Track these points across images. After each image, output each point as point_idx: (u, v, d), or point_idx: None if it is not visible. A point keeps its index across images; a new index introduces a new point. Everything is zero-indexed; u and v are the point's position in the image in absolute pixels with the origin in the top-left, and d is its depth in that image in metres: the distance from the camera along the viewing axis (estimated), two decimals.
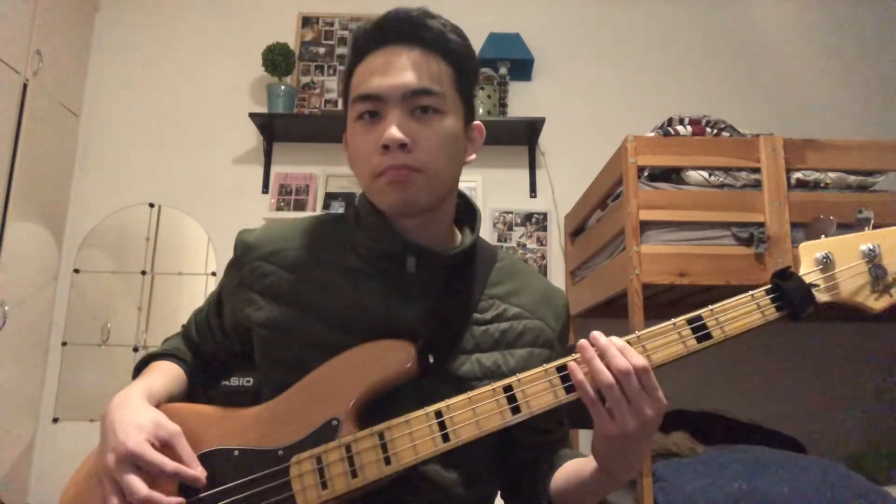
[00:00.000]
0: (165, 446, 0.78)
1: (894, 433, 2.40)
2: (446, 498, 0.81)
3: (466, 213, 0.94)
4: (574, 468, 0.85)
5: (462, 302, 0.86)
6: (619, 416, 0.70)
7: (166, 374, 0.92)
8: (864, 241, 0.77)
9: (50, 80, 2.53)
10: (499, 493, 0.96)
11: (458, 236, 0.93)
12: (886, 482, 1.85)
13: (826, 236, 0.78)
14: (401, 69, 0.81)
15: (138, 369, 0.96)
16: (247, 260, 0.90)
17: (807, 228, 0.80)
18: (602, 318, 2.31)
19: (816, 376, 2.53)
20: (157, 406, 0.84)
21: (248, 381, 1.98)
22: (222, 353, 1.00)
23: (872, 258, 0.76)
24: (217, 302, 0.98)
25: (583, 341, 0.73)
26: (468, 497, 0.83)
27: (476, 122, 0.92)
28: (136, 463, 0.74)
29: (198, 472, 0.77)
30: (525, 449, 0.92)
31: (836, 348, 2.55)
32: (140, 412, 0.80)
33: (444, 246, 0.89)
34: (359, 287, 0.85)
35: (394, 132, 0.79)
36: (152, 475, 0.74)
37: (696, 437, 1.95)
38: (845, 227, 0.79)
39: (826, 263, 0.76)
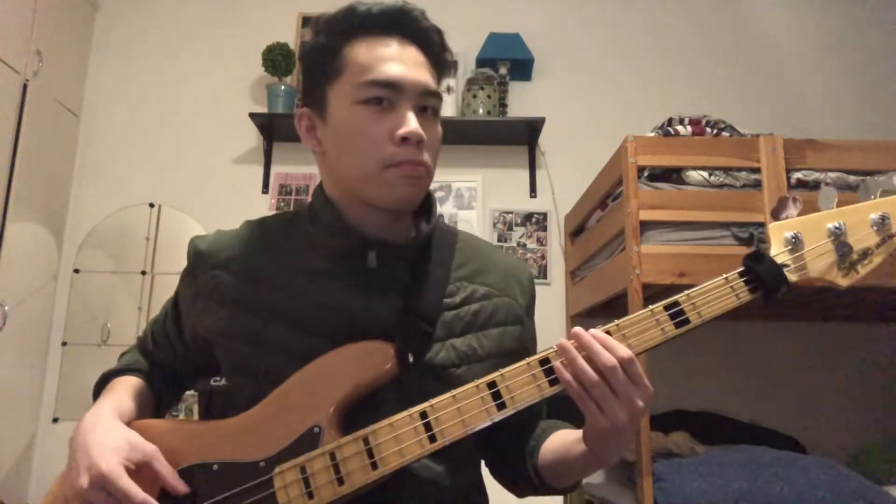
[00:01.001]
0: (143, 468, 0.76)
1: (894, 433, 2.40)
2: (433, 491, 0.80)
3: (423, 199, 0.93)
4: (563, 447, 0.84)
5: (430, 290, 0.84)
6: (608, 411, 0.69)
7: (132, 390, 0.90)
8: (830, 219, 0.78)
9: (50, 80, 2.53)
10: (488, 470, 0.96)
11: (412, 225, 0.91)
12: (886, 482, 1.85)
13: (792, 216, 0.79)
14: (416, 66, 0.81)
15: (98, 387, 0.94)
16: (201, 269, 0.87)
17: (773, 209, 0.80)
18: (602, 318, 2.30)
19: (816, 376, 2.53)
20: (128, 424, 0.82)
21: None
22: (185, 365, 0.97)
23: (838, 236, 0.77)
24: (174, 312, 0.95)
25: (563, 341, 0.72)
26: (455, 486, 0.82)
27: None
28: (107, 488, 0.72)
29: (177, 492, 0.75)
30: (508, 426, 0.89)
31: (836, 348, 2.54)
32: (114, 432, 0.78)
33: (404, 237, 0.88)
34: (323, 287, 0.82)
35: (418, 128, 0.78)
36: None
37: (696, 437, 1.95)
38: None
39: (795, 243, 0.77)
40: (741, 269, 0.77)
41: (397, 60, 0.80)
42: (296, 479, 0.73)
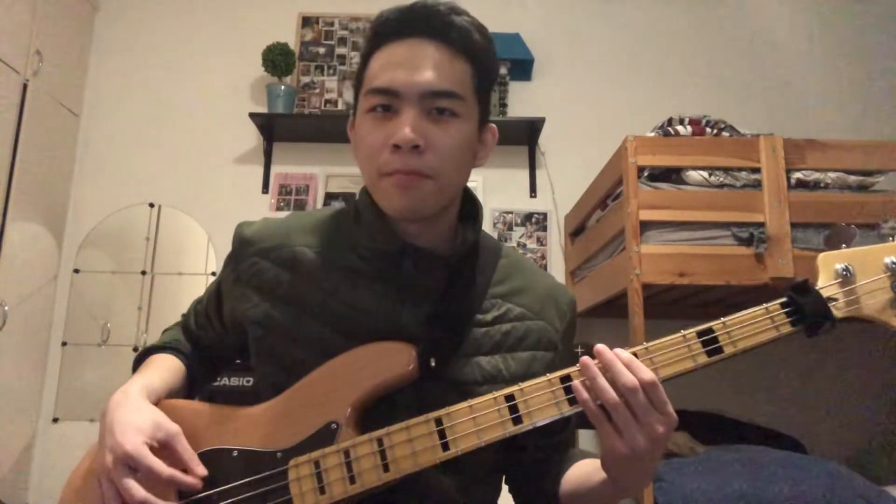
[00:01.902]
0: (165, 446, 0.77)
1: (894, 433, 2.40)
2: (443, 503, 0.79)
3: (468, 207, 0.90)
4: (583, 475, 0.83)
5: (464, 303, 0.83)
6: (627, 435, 0.67)
7: (166, 369, 0.91)
8: (888, 253, 0.71)
9: (50, 80, 2.53)
10: (508, 493, 0.95)
11: (458, 231, 0.89)
12: (886, 482, 1.85)
13: (847, 246, 0.74)
14: (422, 66, 0.77)
15: (138, 362, 0.95)
16: (244, 255, 0.88)
17: (826, 237, 0.75)
18: (602, 318, 2.31)
19: (816, 376, 2.53)
20: (157, 403, 0.83)
21: (248, 381, 1.99)
22: (221, 346, 0.98)
23: None
24: (216, 294, 0.96)
25: (585, 358, 0.70)
26: (466, 503, 0.81)
27: (490, 125, 0.88)
28: (132, 466, 0.73)
29: (195, 474, 0.76)
30: (531, 451, 0.89)
31: (836, 348, 2.54)
32: (139, 412, 0.79)
33: (446, 244, 0.86)
34: (357, 288, 0.82)
35: (407, 133, 0.75)
36: (149, 479, 0.74)
37: (696, 437, 1.95)
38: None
39: (846, 276, 0.72)
40: (783, 299, 0.72)
41: (401, 65, 0.78)
42: (309, 472, 0.74)
